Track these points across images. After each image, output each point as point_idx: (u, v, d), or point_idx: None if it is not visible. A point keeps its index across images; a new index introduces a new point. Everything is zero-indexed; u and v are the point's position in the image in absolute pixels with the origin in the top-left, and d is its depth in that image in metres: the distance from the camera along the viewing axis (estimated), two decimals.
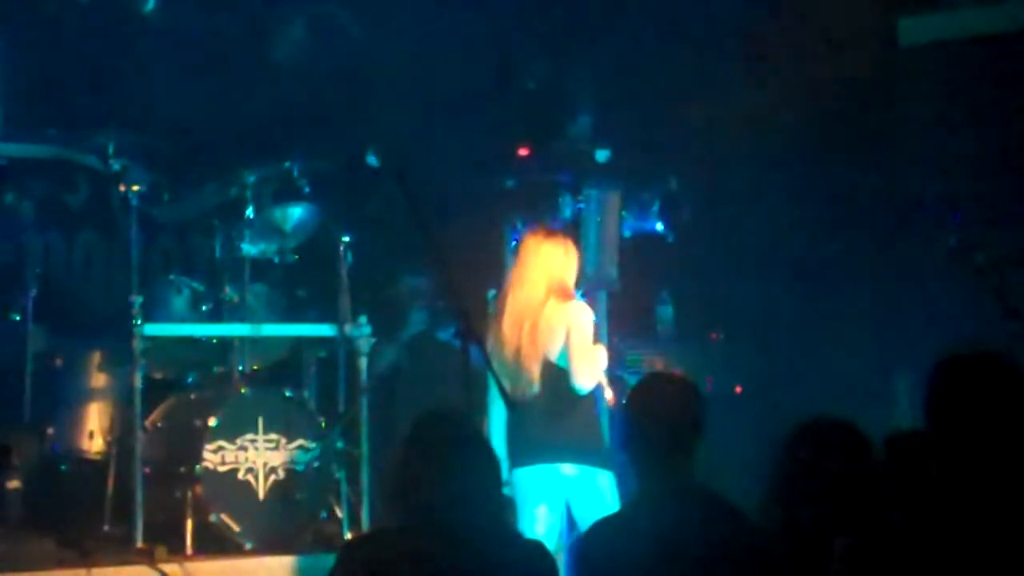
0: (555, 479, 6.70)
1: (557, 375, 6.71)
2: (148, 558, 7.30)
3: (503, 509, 4.16)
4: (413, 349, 9.12)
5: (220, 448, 7.63)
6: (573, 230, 8.98)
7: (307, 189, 8.13)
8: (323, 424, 7.94)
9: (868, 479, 3.87)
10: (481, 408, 6.96)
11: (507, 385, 6.55)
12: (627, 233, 8.92)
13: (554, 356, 6.71)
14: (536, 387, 6.71)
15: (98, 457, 7.89)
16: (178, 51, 9.03)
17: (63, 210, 9.17)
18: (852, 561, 3.78)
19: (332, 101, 9.28)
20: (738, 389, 9.24)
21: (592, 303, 7.48)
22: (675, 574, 4.11)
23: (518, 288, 6.87)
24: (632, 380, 7.76)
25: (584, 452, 6.74)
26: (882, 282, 9.04)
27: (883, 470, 3.88)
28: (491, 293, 9.27)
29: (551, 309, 6.73)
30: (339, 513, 7.88)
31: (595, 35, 9.50)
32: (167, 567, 7.27)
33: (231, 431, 7.67)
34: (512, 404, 6.39)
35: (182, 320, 8.01)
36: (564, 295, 6.78)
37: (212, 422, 7.62)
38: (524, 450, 6.75)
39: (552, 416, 6.72)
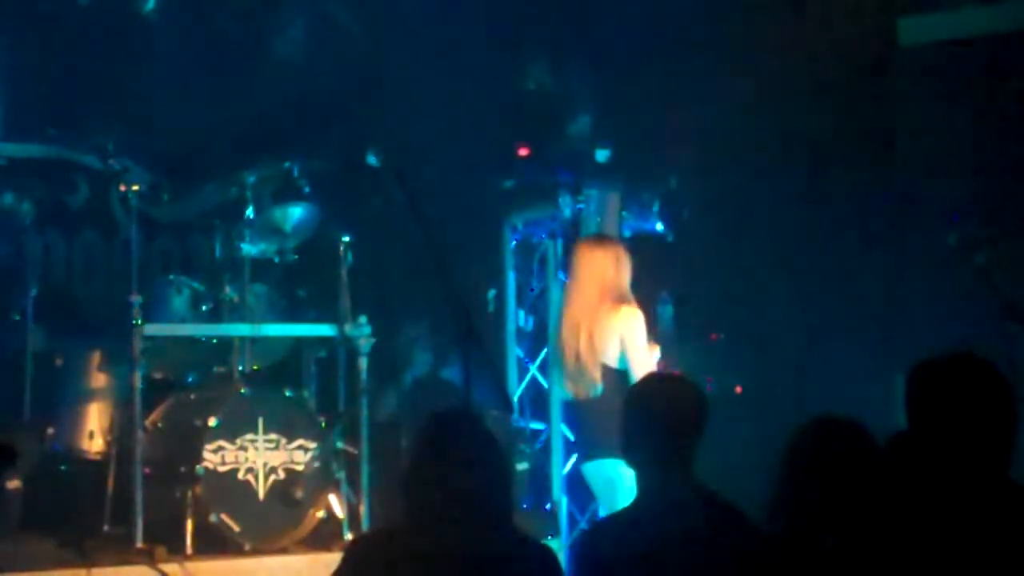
0: (617, 472, 6.87)
1: (614, 377, 7.00)
2: (148, 558, 7.30)
3: (510, 509, 4.16)
4: (418, 390, 9.14)
5: (220, 448, 7.63)
6: (573, 230, 9.00)
7: (307, 189, 8.12)
8: (323, 424, 7.94)
9: (873, 478, 3.86)
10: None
11: (569, 387, 7.09)
12: (627, 233, 8.93)
13: (611, 360, 7.03)
14: (599, 388, 7.02)
15: (98, 457, 7.88)
16: (178, 51, 9.03)
17: (63, 210, 9.16)
18: (840, 561, 3.78)
19: (332, 101, 9.28)
20: (738, 389, 9.25)
21: None
22: (675, 574, 4.11)
23: (573, 296, 7.21)
24: None
25: None
26: (882, 282, 9.03)
27: (888, 469, 3.88)
28: (491, 293, 9.30)
29: (605, 315, 7.04)
30: (339, 513, 7.88)
31: (595, 35, 9.49)
32: (167, 567, 7.27)
33: (231, 431, 7.66)
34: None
35: (182, 320, 8.00)
36: (617, 300, 7.07)
37: (212, 422, 7.61)
38: (590, 447, 7.10)
39: (612, 415, 6.87)
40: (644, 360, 7.01)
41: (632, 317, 7.04)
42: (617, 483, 6.86)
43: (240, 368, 8.03)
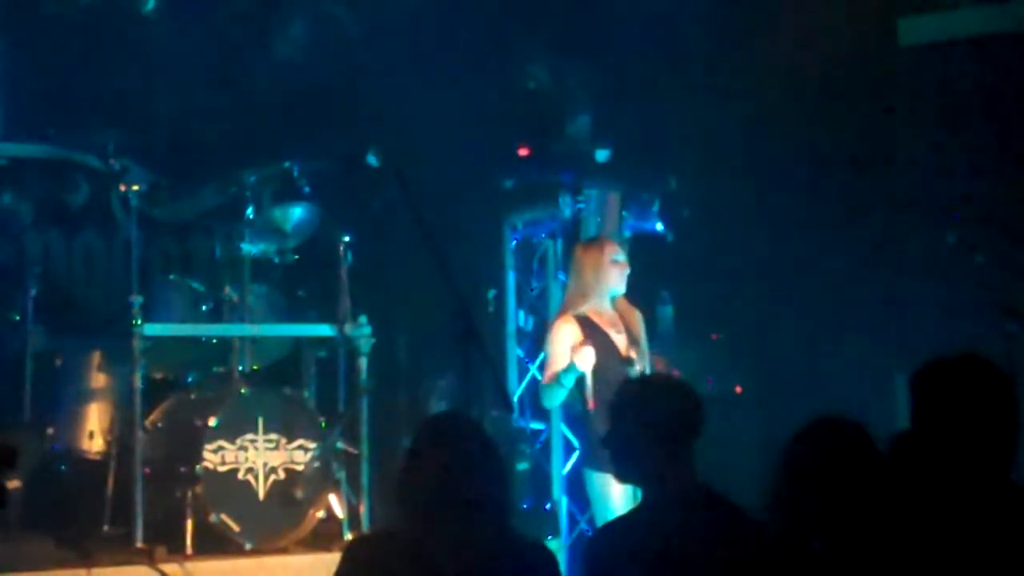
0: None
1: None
2: (148, 558, 7.30)
3: (509, 510, 4.16)
4: None
5: (220, 448, 7.63)
6: (573, 230, 9.00)
7: (307, 189, 8.13)
8: (323, 424, 7.94)
9: (873, 479, 3.86)
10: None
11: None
12: (627, 233, 8.93)
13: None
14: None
15: (98, 457, 7.88)
16: (178, 51, 9.03)
17: (63, 210, 9.16)
18: (839, 563, 3.79)
19: (332, 101, 9.28)
20: (738, 389, 9.24)
21: None
22: (679, 574, 4.11)
23: None
24: None
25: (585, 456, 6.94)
26: (882, 282, 9.03)
27: (888, 470, 3.88)
28: (491, 293, 9.30)
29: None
30: (339, 513, 7.88)
31: (595, 35, 9.49)
32: (167, 567, 7.27)
33: (231, 431, 7.66)
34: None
35: (182, 320, 8.00)
36: (563, 311, 7.10)
37: (212, 422, 7.61)
38: (592, 455, 6.98)
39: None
40: (546, 372, 7.00)
41: (552, 329, 7.07)
42: (612, 493, 6.79)
43: (240, 368, 8.03)
